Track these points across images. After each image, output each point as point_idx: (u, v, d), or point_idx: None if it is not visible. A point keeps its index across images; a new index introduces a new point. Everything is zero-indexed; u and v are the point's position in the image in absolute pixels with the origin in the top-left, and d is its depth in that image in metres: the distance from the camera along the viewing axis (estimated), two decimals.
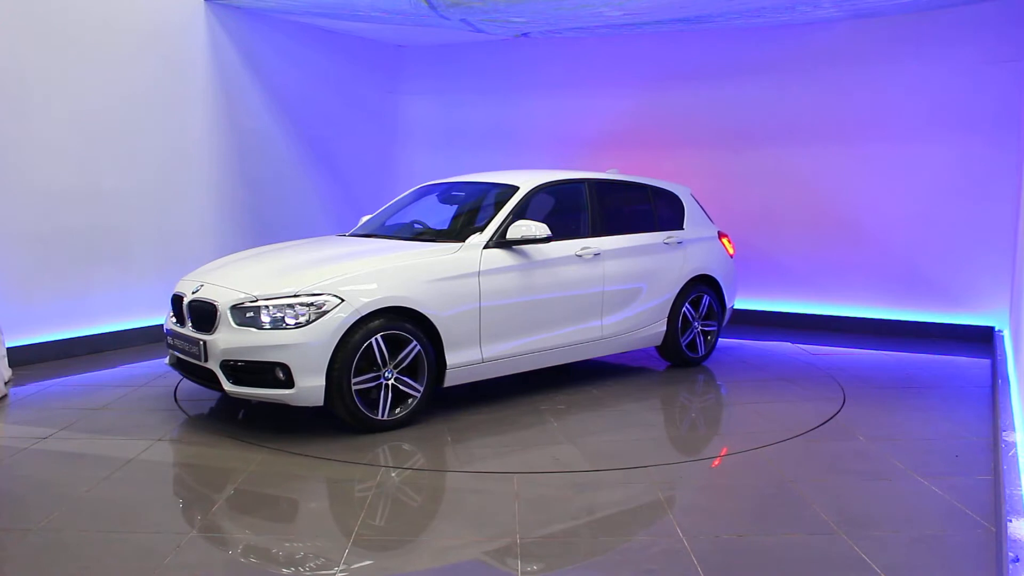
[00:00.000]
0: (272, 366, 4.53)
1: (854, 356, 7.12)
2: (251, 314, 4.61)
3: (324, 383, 4.55)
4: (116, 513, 3.65)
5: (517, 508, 3.71)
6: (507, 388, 5.77)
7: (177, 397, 5.52)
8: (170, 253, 7.35)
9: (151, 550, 3.24)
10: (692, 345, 6.61)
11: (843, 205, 7.99)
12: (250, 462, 4.30)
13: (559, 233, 5.64)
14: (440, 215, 6.18)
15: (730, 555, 3.25)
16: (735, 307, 8.48)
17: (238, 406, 5.29)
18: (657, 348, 6.58)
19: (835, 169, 8.00)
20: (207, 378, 4.83)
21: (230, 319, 4.64)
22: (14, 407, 5.29)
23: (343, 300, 4.59)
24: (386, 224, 6.21)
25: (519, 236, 5.33)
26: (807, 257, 8.20)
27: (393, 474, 4.17)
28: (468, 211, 5.98)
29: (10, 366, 5.73)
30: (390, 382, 4.76)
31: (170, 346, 5.18)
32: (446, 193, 6.38)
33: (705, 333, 6.71)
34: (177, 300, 5.12)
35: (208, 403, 5.39)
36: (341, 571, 3.10)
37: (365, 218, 6.46)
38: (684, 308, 6.48)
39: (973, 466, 4.28)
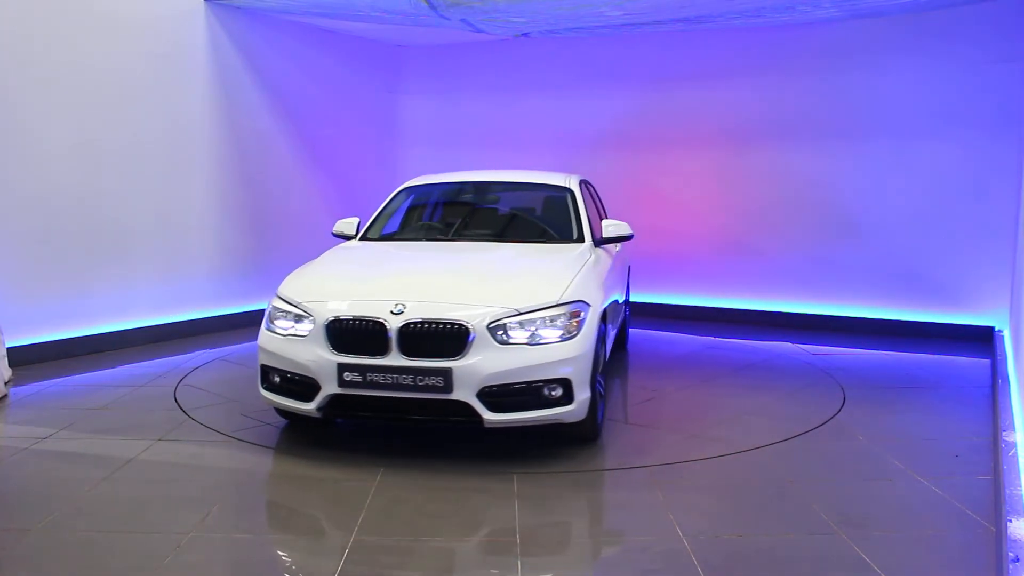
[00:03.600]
0: (545, 385, 4.14)
1: (854, 356, 7.11)
2: (502, 331, 4.14)
3: (590, 394, 4.33)
4: (116, 513, 3.65)
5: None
6: None
7: (177, 397, 5.52)
8: (170, 253, 7.35)
9: (151, 550, 3.24)
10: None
11: (843, 205, 7.98)
12: (249, 462, 4.30)
13: None
14: (483, 216, 5.95)
15: (730, 555, 3.26)
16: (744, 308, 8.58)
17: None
18: None
19: (835, 169, 8.00)
20: (440, 412, 4.15)
21: (491, 339, 4.11)
22: (14, 407, 5.29)
23: (590, 306, 4.43)
24: (425, 225, 5.91)
25: (612, 234, 5.41)
26: (807, 257, 8.20)
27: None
28: (532, 212, 5.93)
29: (10, 366, 5.73)
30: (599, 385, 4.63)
31: (350, 383, 4.13)
32: (481, 194, 6.16)
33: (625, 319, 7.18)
34: (370, 327, 4.14)
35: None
36: (341, 569, 3.11)
37: (351, 220, 5.75)
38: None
39: (973, 466, 4.28)
